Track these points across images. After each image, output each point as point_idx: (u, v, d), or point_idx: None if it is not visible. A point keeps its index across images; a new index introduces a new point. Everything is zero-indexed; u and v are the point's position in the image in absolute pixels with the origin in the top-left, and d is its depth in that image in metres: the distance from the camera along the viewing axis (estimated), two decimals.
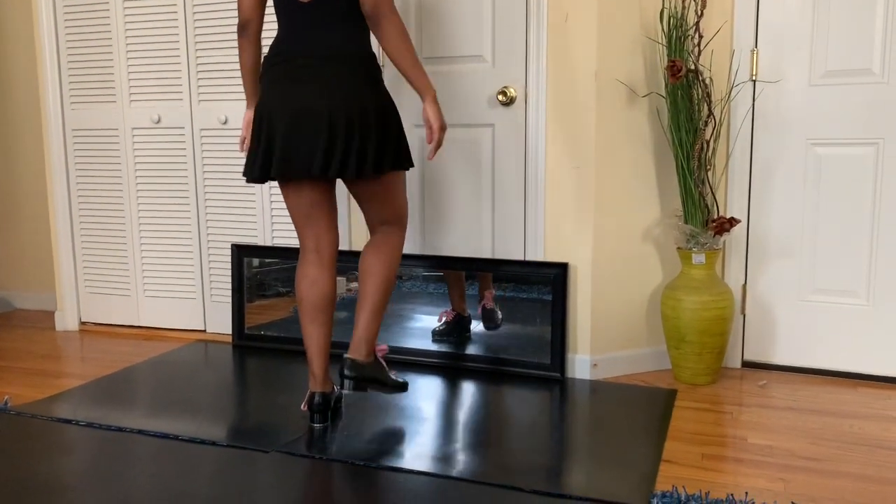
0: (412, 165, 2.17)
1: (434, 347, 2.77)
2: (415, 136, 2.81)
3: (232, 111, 3.04)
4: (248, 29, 2.17)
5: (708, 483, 1.86)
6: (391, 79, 2.73)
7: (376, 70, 2.09)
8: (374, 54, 2.10)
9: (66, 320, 3.41)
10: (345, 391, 2.16)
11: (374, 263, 2.17)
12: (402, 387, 2.29)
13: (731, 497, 1.76)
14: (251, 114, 2.25)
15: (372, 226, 2.22)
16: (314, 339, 2.18)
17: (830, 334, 2.64)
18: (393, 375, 2.27)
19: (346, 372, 2.15)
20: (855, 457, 2.00)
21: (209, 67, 3.05)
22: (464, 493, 1.80)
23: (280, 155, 2.03)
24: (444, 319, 2.78)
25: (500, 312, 2.71)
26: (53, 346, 3.16)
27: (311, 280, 2.17)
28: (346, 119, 2.00)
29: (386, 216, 2.20)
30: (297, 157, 2.03)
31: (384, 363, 2.26)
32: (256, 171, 2.09)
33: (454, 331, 2.77)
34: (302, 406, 2.26)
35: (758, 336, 2.73)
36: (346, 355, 2.18)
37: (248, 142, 2.27)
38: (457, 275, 2.76)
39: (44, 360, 2.95)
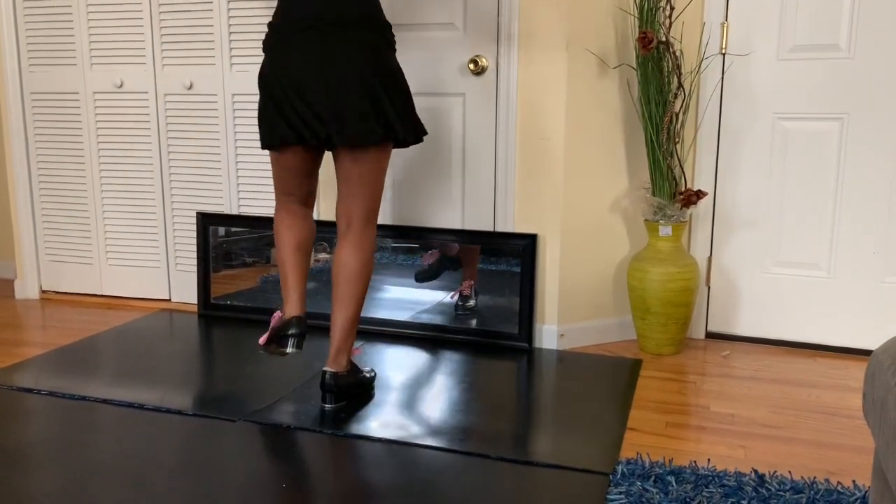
0: (420, 138, 2.09)
1: (404, 318, 2.76)
2: None
3: (197, 76, 2.97)
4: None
5: (672, 450, 1.89)
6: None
7: (385, 35, 2.01)
8: (386, 21, 2.03)
9: (27, 289, 3.33)
10: (327, 406, 2.11)
11: (349, 263, 2.08)
12: (372, 381, 2.28)
13: (693, 464, 1.80)
14: None
15: (343, 215, 2.09)
16: (294, 267, 2.11)
17: (792, 306, 2.69)
18: (365, 372, 2.25)
19: (328, 384, 2.10)
20: (813, 424, 2.06)
21: (174, 30, 2.97)
22: (431, 461, 1.81)
23: (301, 120, 1.98)
24: (428, 262, 2.76)
25: (474, 300, 2.70)
26: (13, 314, 3.09)
27: (288, 225, 2.13)
28: (352, 84, 1.93)
29: (364, 201, 2.07)
30: (316, 123, 1.97)
31: (356, 364, 2.22)
32: (278, 139, 2.02)
33: (438, 271, 2.75)
34: (260, 340, 2.14)
35: (722, 307, 2.78)
36: (325, 368, 2.11)
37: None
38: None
39: (3, 329, 2.89)
